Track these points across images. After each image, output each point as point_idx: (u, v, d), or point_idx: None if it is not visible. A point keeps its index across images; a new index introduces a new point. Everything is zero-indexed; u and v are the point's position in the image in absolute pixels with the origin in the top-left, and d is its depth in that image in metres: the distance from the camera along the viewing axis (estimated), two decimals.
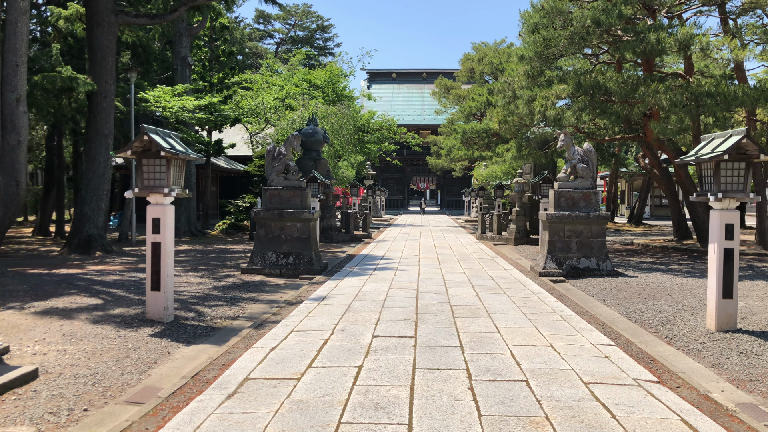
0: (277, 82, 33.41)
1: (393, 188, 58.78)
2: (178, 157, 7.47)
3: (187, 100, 20.01)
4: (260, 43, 58.68)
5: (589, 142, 12.67)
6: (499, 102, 16.94)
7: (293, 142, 12.80)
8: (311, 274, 12.22)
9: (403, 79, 61.68)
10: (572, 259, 12.28)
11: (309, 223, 12.56)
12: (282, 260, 12.49)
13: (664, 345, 6.78)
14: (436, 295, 9.67)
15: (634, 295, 9.96)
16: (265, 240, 12.62)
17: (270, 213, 12.48)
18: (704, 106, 12.88)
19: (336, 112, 28.03)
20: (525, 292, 10.20)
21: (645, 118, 15.93)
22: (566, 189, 12.44)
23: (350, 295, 9.62)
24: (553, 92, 14.12)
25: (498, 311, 8.40)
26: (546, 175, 17.64)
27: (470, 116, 28.60)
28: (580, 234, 12.33)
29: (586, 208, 12.39)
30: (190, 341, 6.87)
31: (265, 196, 12.72)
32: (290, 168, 12.79)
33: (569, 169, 12.58)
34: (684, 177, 16.57)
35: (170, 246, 7.73)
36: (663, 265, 14.10)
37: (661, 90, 13.35)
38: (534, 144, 17.62)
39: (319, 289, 10.41)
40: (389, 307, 8.59)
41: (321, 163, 22.28)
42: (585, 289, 10.67)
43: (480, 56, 30.13)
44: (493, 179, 37.97)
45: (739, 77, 16.07)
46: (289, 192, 12.64)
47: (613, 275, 12.09)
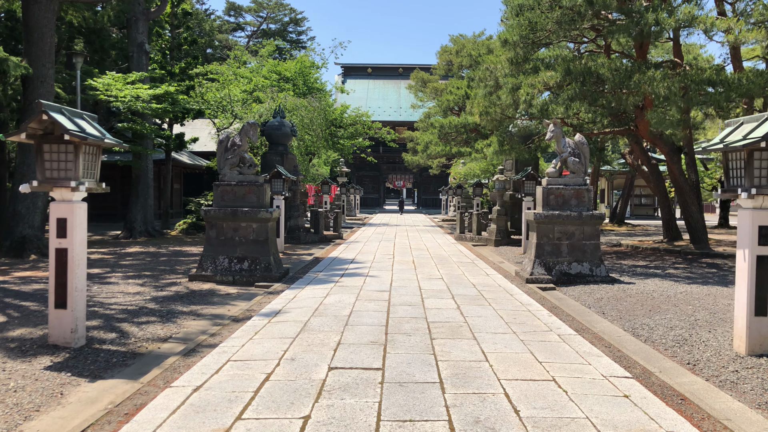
0: (245, 74, 31.73)
1: (368, 186, 57.33)
2: (87, 141, 5.95)
3: (142, 89, 18.34)
4: (231, 36, 56.77)
5: (580, 134, 11.40)
6: (480, 92, 15.63)
7: (249, 131, 11.31)
8: (269, 281, 10.75)
9: (378, 74, 60.19)
10: (563, 263, 11.00)
11: (267, 224, 11.08)
12: (235, 266, 10.99)
13: (690, 375, 5.48)
14: (411, 309, 8.28)
15: (636, 307, 8.69)
16: (217, 242, 11.11)
17: (222, 212, 10.97)
18: (705, 95, 11.70)
19: (306, 105, 26.50)
20: (513, 303, 8.86)
21: (637, 110, 14.75)
22: (556, 185, 11.15)
23: (309, 309, 8.17)
24: (540, 79, 12.83)
25: (484, 329, 7.04)
26: (530, 171, 16.38)
27: (448, 110, 27.31)
28: (572, 236, 11.05)
29: (578, 206, 11.12)
30: (97, 375, 5.38)
31: (217, 192, 11.21)
32: (246, 161, 11.30)
33: (559, 163, 11.30)
34: (678, 174, 15.42)
35: (80, 253, 6.21)
36: (659, 269, 12.91)
37: (658, 77, 12.14)
38: (517, 138, 16.34)
39: (274, 300, 8.94)
40: (354, 326, 7.17)
41: (288, 158, 20.77)
42: (579, 299, 9.38)
43: (458, 48, 28.86)
44: (471, 177, 36.77)
45: (735, 66, 14.98)
46: (244, 188, 11.14)
47: (608, 282, 10.83)
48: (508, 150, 16.35)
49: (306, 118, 26.68)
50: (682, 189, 15.62)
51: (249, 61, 36.91)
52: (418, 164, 35.40)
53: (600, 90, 12.31)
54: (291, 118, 25.84)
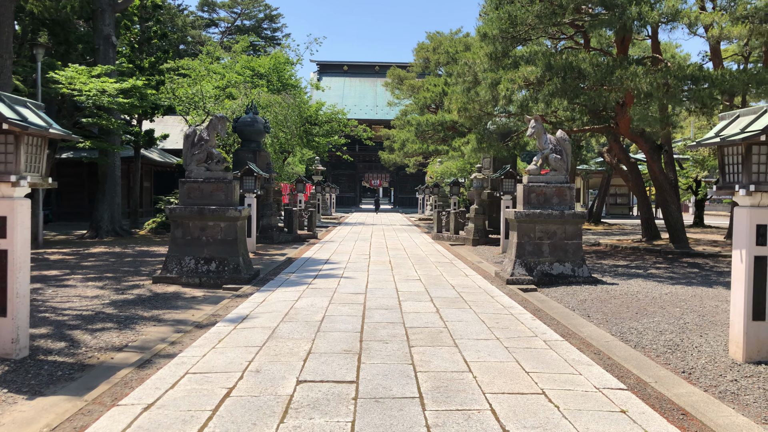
0: (218, 70, 30.97)
1: (344, 185, 56.74)
2: (29, 131, 5.36)
3: (108, 83, 17.57)
4: (204, 32, 55.69)
5: (562, 131, 11.05)
6: (458, 88, 15.23)
7: (217, 125, 10.74)
8: (238, 283, 10.20)
9: (354, 72, 59.58)
10: (544, 264, 10.63)
11: (236, 223, 10.52)
12: (202, 267, 10.41)
13: (687, 385, 5.10)
14: (388, 313, 7.81)
15: (622, 309, 8.34)
16: (183, 242, 10.52)
17: (188, 210, 10.39)
18: (689, 91, 11.44)
19: (280, 101, 25.87)
20: (494, 306, 8.45)
21: (618, 108, 14.47)
22: (537, 183, 10.77)
23: (279, 314, 7.66)
24: (520, 74, 12.46)
25: (465, 335, 6.60)
26: (508, 169, 16.04)
27: (425, 108, 26.90)
28: (553, 235, 10.68)
29: (560, 205, 10.76)
30: (37, 391, 4.82)
31: (183, 189, 10.62)
32: (214, 156, 10.73)
33: (540, 160, 10.93)
34: (658, 172, 15.19)
35: (23, 255, 5.62)
36: (640, 269, 12.63)
37: (640, 73, 11.84)
38: (495, 135, 15.97)
39: (241, 304, 8.40)
40: (326, 332, 6.68)
41: (261, 155, 20.18)
42: (562, 301, 9.00)
43: (435, 45, 28.46)
44: (448, 176, 36.44)
45: (715, 63, 14.79)
46: (211, 185, 10.57)
47: (590, 282, 10.49)
48: (486, 148, 15.98)
49: (280, 115, 26.07)
50: (662, 188, 15.40)
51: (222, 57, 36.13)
52: (395, 163, 34.95)
53: (581, 86, 11.98)
54: (264, 114, 25.21)
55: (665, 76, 11.82)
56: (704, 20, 10.87)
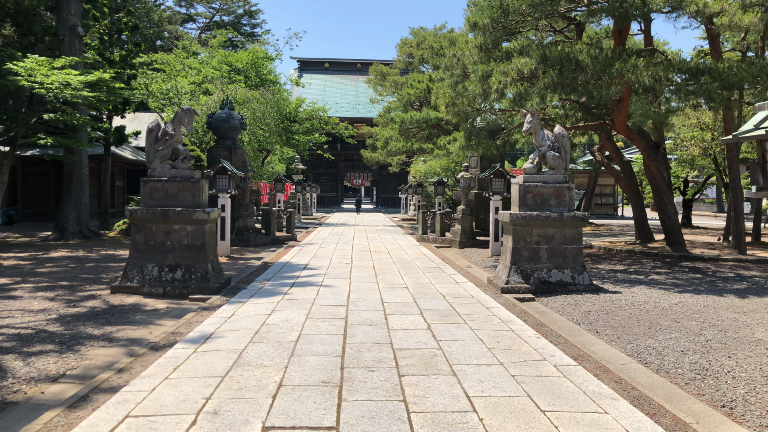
0: (194, 65, 29.84)
1: (325, 184, 55.65)
2: None
3: (71, 75, 16.41)
4: (182, 27, 54.25)
5: (560, 126, 10.21)
6: (446, 81, 14.35)
7: (184, 118, 9.73)
8: (206, 293, 9.22)
9: (336, 69, 58.45)
10: (542, 270, 9.78)
11: (203, 226, 9.52)
12: (167, 275, 9.40)
13: (733, 425, 4.25)
14: (373, 330, 6.88)
15: (632, 322, 7.51)
16: (145, 248, 9.50)
17: (150, 212, 9.37)
18: (695, 85, 10.68)
19: (258, 97, 24.83)
20: (491, 320, 7.56)
21: (614, 103, 13.71)
22: (534, 183, 9.93)
23: (248, 332, 6.70)
24: (514, 66, 11.61)
25: (464, 359, 5.70)
26: (498, 168, 15.19)
27: (409, 105, 26.01)
28: (551, 239, 9.84)
29: (559, 206, 9.92)
30: None
31: (145, 189, 9.60)
32: (180, 153, 9.72)
33: (537, 158, 10.08)
34: (655, 171, 14.45)
35: None
36: (641, 274, 11.85)
37: (641, 66, 11.07)
38: (485, 132, 15.12)
39: (207, 319, 7.42)
40: (302, 356, 5.74)
41: (237, 152, 19.14)
42: (564, 313, 8.16)
43: (419, 41, 27.59)
44: (432, 175, 35.59)
45: (714, 57, 14.08)
46: (177, 184, 9.56)
47: (591, 291, 9.67)
48: (475, 145, 15.12)
49: (258, 111, 25.03)
50: (659, 188, 14.66)
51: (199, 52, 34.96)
52: (378, 161, 34.00)
53: (579, 78, 11.16)
54: (242, 110, 24.16)
55: (667, 69, 11.06)
56: (713, 7, 10.12)
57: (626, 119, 13.83)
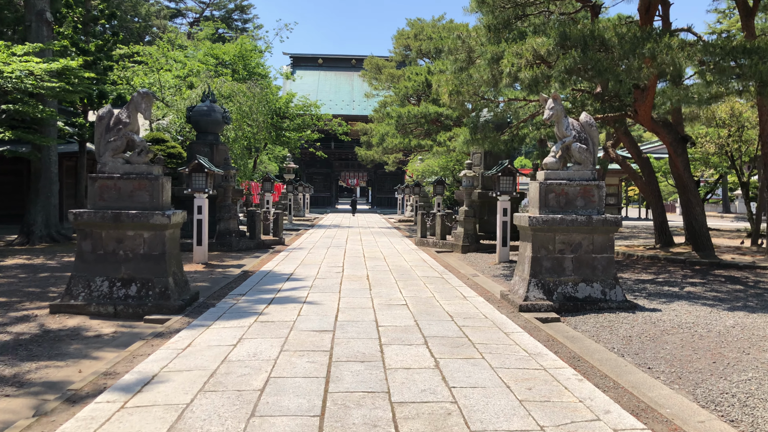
0: (179, 58, 28.23)
1: (319, 184, 54.04)
2: None
3: (32, 62, 14.82)
4: (170, 22, 52.58)
5: (587, 114, 8.69)
6: (448, 67, 12.83)
7: (140, 103, 8.17)
8: (165, 313, 7.66)
9: (330, 65, 56.77)
10: (566, 284, 8.25)
11: (163, 232, 7.96)
12: (119, 291, 7.83)
13: None
14: (365, 370, 5.33)
15: (688, 353, 6.00)
16: (93, 258, 7.93)
17: (99, 215, 7.80)
18: (741, 67, 9.19)
19: (245, 91, 23.24)
20: (515, 352, 6.03)
21: (637, 92, 12.21)
22: (557, 180, 8.40)
23: (201, 374, 5.14)
24: (528, 47, 10.09)
25: (488, 420, 4.16)
26: (506, 165, 13.65)
27: (406, 99, 24.47)
28: (578, 247, 8.31)
29: (586, 208, 8.39)
30: None
31: (93, 188, 8.02)
32: (136, 145, 8.15)
33: (560, 151, 8.55)
34: (682, 169, 12.95)
35: None
36: (673, 286, 10.34)
37: (675, 46, 9.57)
38: (492, 125, 13.59)
39: (156, 351, 5.86)
40: (265, 417, 4.18)
41: (219, 149, 17.59)
42: (600, 339, 6.64)
43: (416, 32, 26.08)
44: (429, 174, 34.07)
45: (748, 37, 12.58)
46: (131, 182, 7.99)
47: (626, 308, 8.14)
48: (480, 139, 13.59)
49: (245, 106, 23.43)
50: (686, 187, 13.15)
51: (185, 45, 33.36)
52: (373, 159, 32.43)
53: (606, 59, 9.64)
54: (228, 105, 22.59)
55: (706, 50, 9.56)
56: None
57: (651, 109, 12.34)
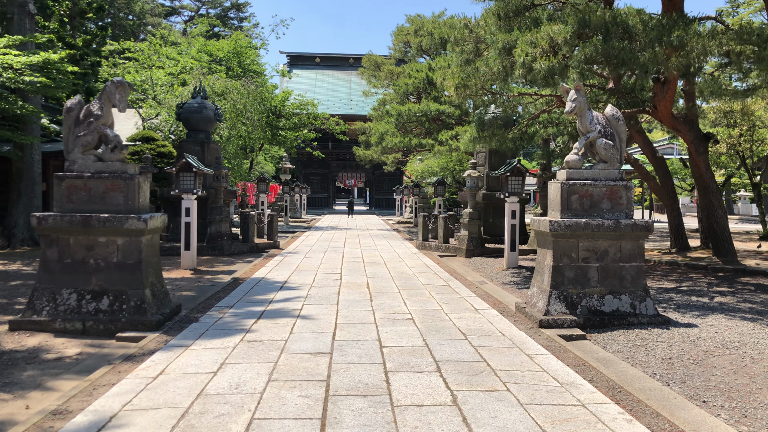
0: (171, 55, 27.31)
1: (316, 185, 53.12)
2: None
3: (9, 55, 13.93)
4: (165, 20, 51.64)
5: (612, 106, 7.83)
6: (454, 60, 11.97)
7: (114, 94, 7.28)
8: (141, 329, 6.77)
9: (327, 64, 55.85)
10: (592, 297, 7.38)
11: (139, 238, 7.07)
12: (88, 305, 6.94)
13: None
14: (368, 408, 4.44)
15: (744, 381, 5.15)
16: (60, 268, 7.04)
17: (67, 219, 6.92)
18: None
19: (239, 88, 22.35)
20: (544, 381, 5.15)
21: (657, 85, 11.38)
22: (581, 180, 7.53)
23: (170, 414, 4.24)
24: (543, 35, 9.23)
25: None
26: (516, 164, 12.80)
27: (406, 96, 23.60)
28: (604, 255, 7.44)
29: (613, 211, 7.53)
30: None
31: (60, 189, 7.13)
32: (109, 140, 7.26)
33: (582, 147, 7.69)
34: (704, 169, 12.10)
35: None
36: (701, 296, 9.48)
37: (704, 33, 8.75)
38: (500, 121, 12.74)
39: (122, 381, 4.97)
40: None
41: (211, 147, 16.69)
42: (637, 361, 5.78)
43: (416, 27, 25.22)
44: (429, 175, 33.18)
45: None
46: (104, 182, 7.11)
47: (658, 324, 7.27)
48: (487, 137, 12.74)
49: (239, 104, 22.53)
50: (707, 188, 12.31)
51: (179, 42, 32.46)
52: (371, 159, 31.55)
53: (630, 48, 8.78)
54: (221, 103, 21.69)
55: (740, 38, 8.72)
56: None
57: (672, 105, 11.50)
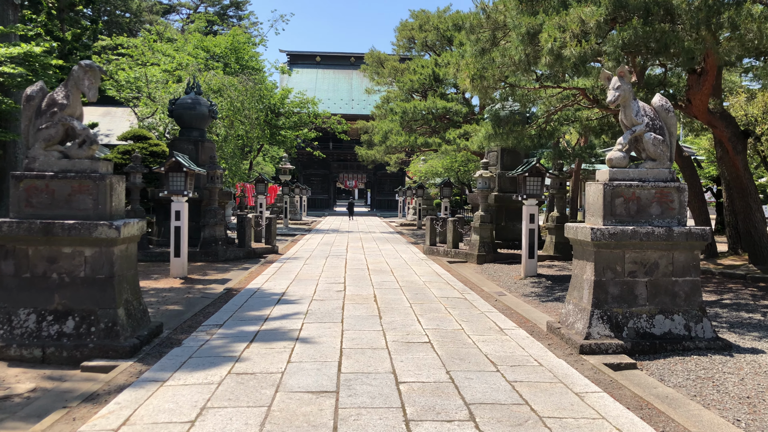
0: (167, 51, 26.28)
1: (317, 186, 52.05)
2: None
3: None
4: (163, 18, 50.57)
5: (661, 96, 6.79)
6: (468, 49, 10.92)
7: (82, 79, 6.22)
8: (112, 356, 5.72)
9: (328, 63, 54.80)
10: (640, 317, 6.33)
11: (111, 249, 6.01)
12: (50, 328, 5.89)
13: None
14: None
15: None
16: (16, 284, 5.99)
17: (25, 227, 5.87)
18: None
19: (237, 85, 21.30)
20: (602, 429, 4.10)
21: (692, 78, 10.34)
22: (626, 181, 6.48)
23: None
24: (574, 18, 8.19)
25: None
26: (534, 163, 11.75)
27: (411, 94, 22.56)
28: (654, 268, 6.39)
29: (663, 217, 6.48)
30: None
31: (18, 190, 6.08)
32: (77, 133, 6.21)
33: (627, 144, 6.64)
34: (742, 169, 11.07)
35: None
36: (750, 311, 8.42)
37: (757, 15, 7.72)
38: (518, 117, 11.69)
39: None
40: None
41: (205, 146, 15.66)
42: (707, 400, 4.74)
43: (421, 22, 24.22)
44: (432, 175, 32.17)
45: None
46: (69, 183, 6.06)
47: (719, 350, 6.21)
48: (504, 134, 11.69)
49: (237, 101, 21.48)
50: (745, 189, 11.28)
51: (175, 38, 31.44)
52: (374, 160, 30.51)
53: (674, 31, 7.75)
54: (217, 100, 20.64)
55: None
56: None
57: (708, 98, 10.47)
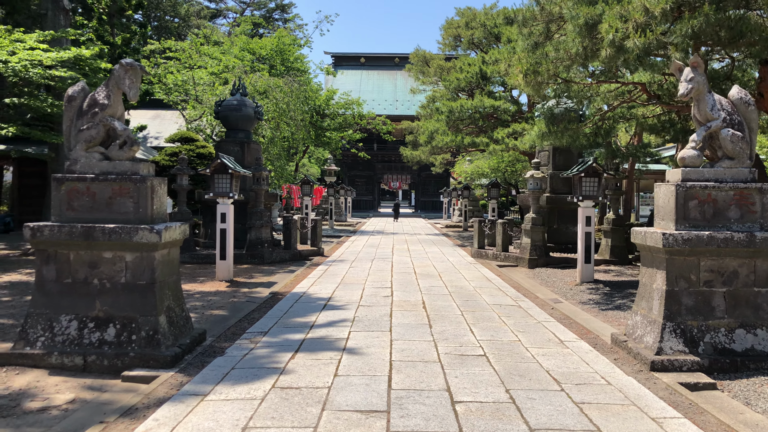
0: (214, 54, 26.50)
1: (361, 187, 51.93)
2: None
3: (39, 50, 13.08)
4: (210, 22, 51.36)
5: (739, 88, 6.20)
6: (519, 44, 10.44)
7: (123, 78, 6.04)
8: (153, 366, 5.51)
9: (372, 64, 54.64)
10: (717, 330, 5.77)
11: (152, 254, 5.81)
12: (92, 335, 5.71)
13: None
14: None
15: None
16: (58, 289, 5.84)
17: (66, 231, 5.71)
18: None
19: (282, 86, 21.24)
20: None
21: (764, 69, 9.61)
22: (700, 182, 5.93)
23: None
24: (637, 6, 7.64)
25: None
26: (591, 163, 11.17)
27: (457, 92, 22.06)
28: (733, 277, 5.82)
29: (743, 221, 5.90)
30: None
31: (59, 193, 5.93)
32: (118, 134, 6.03)
33: (701, 141, 6.08)
34: None
35: None
36: None
37: None
38: (573, 114, 11.14)
39: None
40: None
41: (251, 148, 15.56)
42: None
43: (467, 20, 23.68)
44: (478, 176, 31.50)
45: None
46: (110, 186, 5.88)
47: None
48: (559, 132, 11.14)
49: (282, 102, 21.43)
50: None
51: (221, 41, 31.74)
52: (419, 161, 30.07)
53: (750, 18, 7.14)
54: (263, 102, 20.64)
55: None
56: None
57: None
